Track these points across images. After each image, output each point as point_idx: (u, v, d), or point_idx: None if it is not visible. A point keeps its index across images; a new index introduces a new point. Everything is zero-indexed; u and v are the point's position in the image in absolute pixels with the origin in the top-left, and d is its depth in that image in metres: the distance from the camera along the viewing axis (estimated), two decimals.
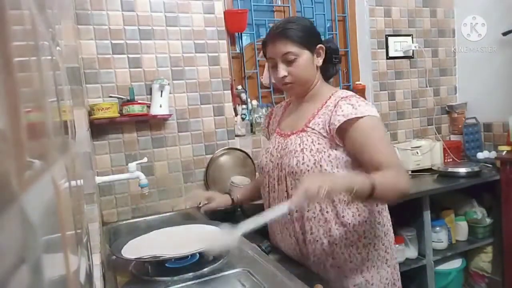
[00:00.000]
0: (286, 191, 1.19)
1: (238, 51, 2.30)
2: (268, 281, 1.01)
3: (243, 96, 2.29)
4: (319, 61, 1.21)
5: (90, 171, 1.16)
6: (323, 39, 1.24)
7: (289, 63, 1.16)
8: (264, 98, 2.38)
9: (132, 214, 1.91)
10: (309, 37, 1.17)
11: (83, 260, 0.58)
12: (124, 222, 1.84)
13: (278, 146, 1.24)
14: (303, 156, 1.14)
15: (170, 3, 1.94)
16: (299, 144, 1.16)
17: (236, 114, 2.21)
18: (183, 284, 1.03)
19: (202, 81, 2.03)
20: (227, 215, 1.75)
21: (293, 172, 1.15)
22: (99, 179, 1.64)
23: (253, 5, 2.30)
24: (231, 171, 2.05)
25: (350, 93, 1.20)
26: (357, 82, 2.55)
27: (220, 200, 1.48)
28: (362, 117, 1.09)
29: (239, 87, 2.29)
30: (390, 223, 1.28)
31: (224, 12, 2.09)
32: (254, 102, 2.30)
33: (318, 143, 1.14)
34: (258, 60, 2.33)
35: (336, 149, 1.13)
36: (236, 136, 2.13)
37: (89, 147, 1.27)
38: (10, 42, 0.24)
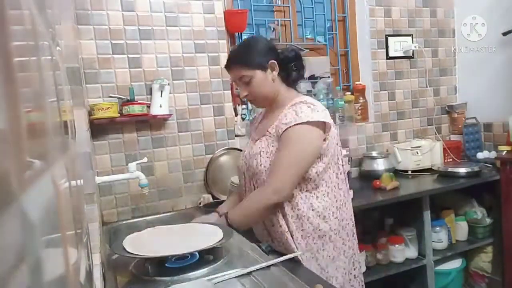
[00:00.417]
0: (250, 190, 1.35)
1: None
2: (268, 281, 1.01)
3: None
4: (274, 74, 1.32)
5: (90, 171, 1.16)
6: (282, 49, 1.38)
7: (246, 83, 1.31)
8: None
9: (132, 214, 1.91)
10: (258, 58, 1.30)
11: (83, 260, 0.58)
12: (124, 222, 1.84)
13: (249, 149, 1.39)
14: (260, 159, 1.29)
15: (170, 3, 1.94)
16: (259, 147, 1.31)
17: (236, 114, 2.21)
18: (183, 284, 1.03)
19: (202, 81, 2.03)
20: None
21: (255, 173, 1.31)
22: (99, 179, 1.64)
23: (253, 5, 2.30)
24: (231, 171, 2.05)
25: (305, 99, 1.29)
26: (357, 82, 2.55)
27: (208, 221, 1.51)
28: (296, 124, 1.20)
29: None
30: (352, 217, 1.39)
31: (224, 12, 2.09)
32: None
33: (273, 146, 1.28)
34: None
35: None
36: (236, 136, 2.13)
37: (89, 147, 1.27)
38: (10, 42, 0.24)
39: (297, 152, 1.22)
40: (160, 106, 1.87)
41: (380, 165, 2.32)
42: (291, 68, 1.36)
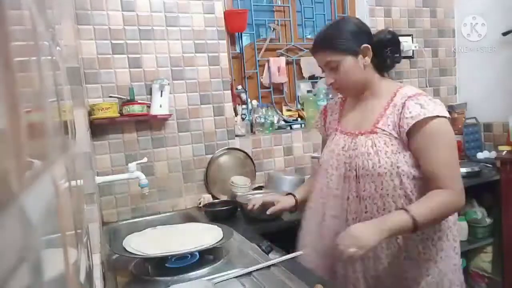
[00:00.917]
0: (356, 191, 1.17)
1: (238, 51, 2.30)
2: (268, 281, 1.01)
3: (243, 96, 2.29)
4: (367, 60, 1.17)
5: (90, 171, 1.16)
6: (376, 31, 1.23)
7: (333, 69, 1.17)
8: (264, 98, 2.38)
9: (132, 214, 1.91)
10: (349, 41, 1.16)
11: (83, 260, 0.58)
12: (124, 222, 1.84)
13: (345, 145, 1.21)
14: (379, 159, 1.12)
15: (170, 3, 1.94)
16: (371, 146, 1.14)
17: (236, 114, 2.21)
18: (183, 284, 1.03)
19: (202, 81, 2.03)
20: (227, 216, 1.75)
21: (369, 175, 1.14)
22: (99, 179, 1.64)
23: (253, 5, 2.30)
24: (231, 171, 2.05)
25: (417, 90, 1.17)
26: None
27: (285, 201, 1.40)
28: (430, 118, 1.08)
29: (239, 87, 2.29)
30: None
31: (224, 12, 2.09)
32: (254, 102, 2.30)
33: (392, 144, 1.13)
34: (258, 60, 2.33)
35: (410, 150, 1.13)
36: (236, 136, 2.13)
37: (89, 147, 1.27)
38: (10, 42, 0.24)
39: (450, 148, 1.11)
40: (160, 106, 1.87)
41: None
42: (386, 54, 1.22)
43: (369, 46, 1.17)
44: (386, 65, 1.24)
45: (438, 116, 1.09)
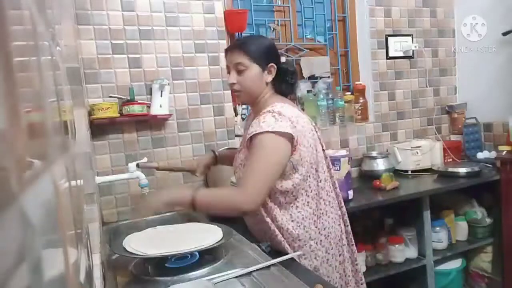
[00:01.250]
0: None
1: None
2: (268, 281, 1.01)
3: None
4: (269, 77, 1.31)
5: (90, 171, 1.16)
6: (282, 60, 1.41)
7: (239, 72, 1.29)
8: None
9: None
10: (262, 54, 1.29)
11: (83, 260, 0.58)
12: (124, 222, 1.84)
13: (236, 159, 1.41)
14: (240, 173, 1.32)
15: (170, 3, 1.94)
16: (239, 160, 1.34)
17: (236, 114, 2.21)
18: (183, 284, 1.03)
19: (202, 81, 2.03)
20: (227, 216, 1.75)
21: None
22: (99, 179, 1.64)
23: (253, 5, 2.30)
24: (231, 171, 2.04)
25: (275, 108, 1.25)
26: (357, 82, 2.55)
27: (204, 158, 1.69)
28: (260, 133, 1.19)
29: None
30: (341, 223, 1.37)
31: (224, 12, 2.09)
32: None
33: (245, 158, 1.29)
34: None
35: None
36: (236, 136, 2.13)
37: (89, 147, 1.27)
38: (10, 42, 0.24)
39: (262, 161, 1.21)
40: (160, 106, 1.87)
41: (380, 165, 2.32)
42: (286, 80, 1.36)
43: (275, 66, 1.32)
44: (283, 89, 1.37)
45: (268, 132, 1.19)
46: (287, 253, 1.23)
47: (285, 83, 1.37)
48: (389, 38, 2.56)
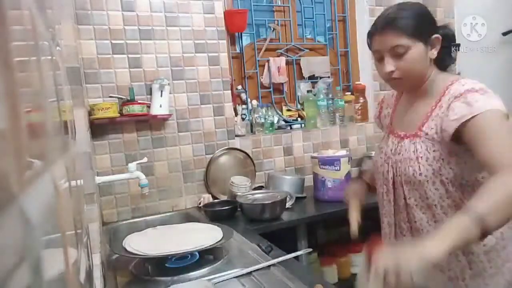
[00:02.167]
0: (404, 198, 1.10)
1: (238, 51, 2.30)
2: (268, 281, 1.01)
3: (243, 96, 2.29)
4: (434, 53, 1.06)
5: (90, 171, 1.16)
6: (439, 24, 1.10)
7: (398, 56, 1.03)
8: (264, 98, 2.38)
9: (132, 214, 1.91)
10: (423, 27, 1.03)
11: (83, 260, 0.58)
12: (124, 222, 1.84)
13: (393, 148, 1.13)
14: (419, 166, 1.03)
15: (170, 3, 1.94)
16: (413, 152, 1.05)
17: (236, 114, 2.21)
18: (183, 284, 1.03)
19: (202, 81, 2.03)
20: (227, 216, 1.75)
21: (410, 182, 1.06)
22: (99, 179, 1.65)
23: (253, 5, 2.30)
24: (231, 171, 2.05)
25: (467, 86, 1.03)
26: (357, 82, 2.55)
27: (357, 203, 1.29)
28: (477, 115, 0.94)
29: (239, 87, 2.29)
30: None
31: (224, 12, 2.09)
32: (254, 102, 2.30)
33: (434, 150, 1.03)
34: (258, 60, 2.33)
35: (457, 154, 1.01)
36: (236, 136, 2.13)
37: (89, 147, 1.27)
38: (10, 42, 0.24)
39: (504, 132, 0.93)
40: (160, 106, 1.87)
41: None
42: (449, 51, 1.11)
43: (440, 37, 1.05)
44: (446, 62, 1.12)
45: (485, 111, 0.94)
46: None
47: (447, 53, 1.11)
48: None
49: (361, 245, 1.01)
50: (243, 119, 2.22)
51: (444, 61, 1.11)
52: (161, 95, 1.87)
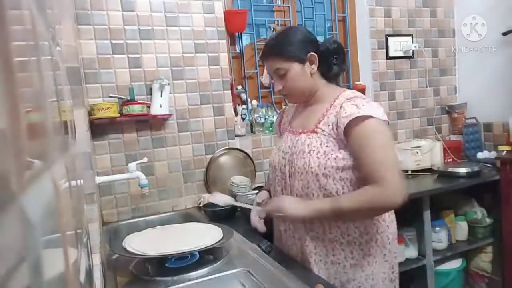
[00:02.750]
0: (297, 189, 1.21)
1: (238, 51, 2.30)
2: (268, 281, 1.01)
3: (243, 96, 2.29)
4: (313, 68, 1.21)
5: (90, 171, 1.16)
6: (322, 40, 1.27)
7: (282, 76, 1.21)
8: (264, 98, 2.38)
9: (132, 214, 1.91)
10: (296, 49, 1.20)
11: (83, 260, 0.58)
12: (124, 222, 1.84)
13: (291, 144, 1.26)
14: (309, 159, 1.16)
15: (170, 3, 1.94)
16: (308, 145, 1.18)
17: (236, 114, 2.21)
18: (183, 284, 1.03)
19: (202, 81, 2.03)
20: (227, 216, 1.75)
21: (300, 173, 1.18)
22: (99, 179, 1.64)
23: (253, 5, 2.30)
24: (231, 171, 2.05)
25: (357, 94, 1.21)
26: (357, 82, 2.55)
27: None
28: (365, 117, 1.09)
29: (239, 87, 2.29)
30: (393, 216, 1.28)
31: (224, 12, 2.09)
32: (254, 102, 2.30)
33: (327, 146, 1.15)
34: (258, 60, 2.33)
35: (344, 150, 1.14)
36: (236, 136, 2.13)
37: (89, 147, 1.27)
38: (10, 42, 0.24)
39: (384, 147, 1.10)
40: (160, 106, 1.87)
41: None
42: (332, 62, 1.25)
43: (315, 54, 1.21)
44: (334, 72, 1.26)
45: (372, 117, 1.09)
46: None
47: (333, 65, 1.25)
48: (389, 38, 2.56)
49: None
50: (243, 119, 2.22)
51: (329, 73, 1.25)
52: (161, 95, 1.87)
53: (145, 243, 1.19)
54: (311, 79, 1.22)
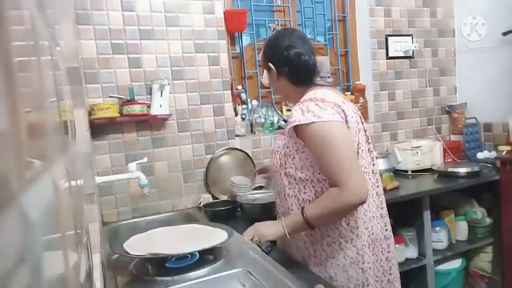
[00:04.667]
0: (274, 186, 1.34)
1: (238, 51, 2.30)
2: (268, 281, 1.01)
3: (243, 96, 2.29)
4: (272, 76, 1.30)
5: (90, 171, 1.16)
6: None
7: None
8: (264, 98, 2.38)
9: (132, 214, 1.91)
10: (265, 58, 1.31)
11: (83, 260, 0.58)
12: (124, 222, 1.84)
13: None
14: (275, 159, 1.26)
15: (170, 3, 1.94)
16: (277, 146, 1.28)
17: (236, 114, 2.21)
18: (183, 284, 1.03)
19: (202, 81, 2.03)
20: (227, 216, 1.75)
21: (274, 172, 1.29)
22: (99, 179, 1.64)
23: (253, 5, 2.30)
24: (231, 171, 2.05)
25: (311, 96, 1.19)
26: (357, 82, 2.55)
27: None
28: (308, 124, 1.12)
29: (239, 87, 2.29)
30: (370, 228, 1.23)
31: (224, 12, 2.09)
32: (254, 102, 2.30)
33: (287, 147, 1.22)
34: (258, 60, 2.33)
35: (303, 152, 1.18)
36: (236, 136, 2.13)
37: (89, 147, 1.27)
38: (10, 42, 0.24)
39: (335, 149, 1.11)
40: (160, 106, 1.87)
41: (380, 165, 2.31)
42: (292, 71, 1.26)
43: (271, 65, 1.28)
44: (297, 77, 1.27)
45: (316, 123, 1.11)
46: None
47: (298, 71, 1.26)
48: (389, 38, 2.56)
49: None
50: (243, 119, 2.22)
51: (297, 79, 1.27)
52: (161, 95, 1.87)
53: (145, 243, 1.19)
54: (280, 85, 1.31)
